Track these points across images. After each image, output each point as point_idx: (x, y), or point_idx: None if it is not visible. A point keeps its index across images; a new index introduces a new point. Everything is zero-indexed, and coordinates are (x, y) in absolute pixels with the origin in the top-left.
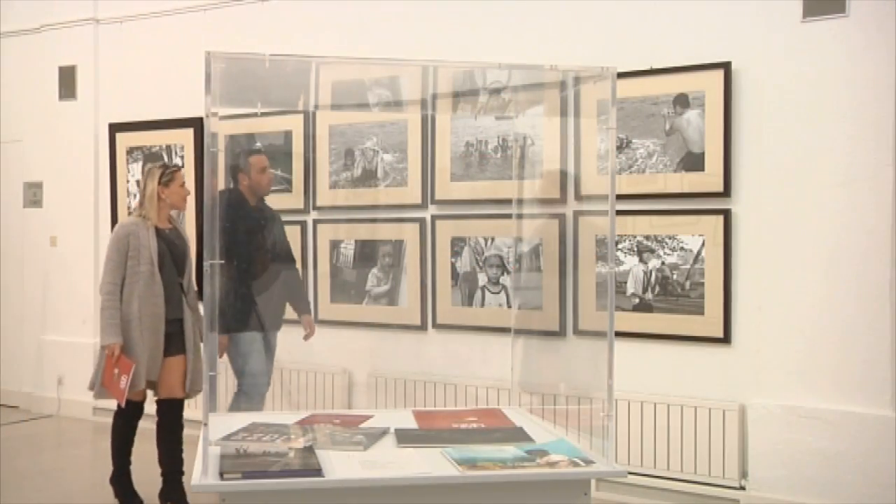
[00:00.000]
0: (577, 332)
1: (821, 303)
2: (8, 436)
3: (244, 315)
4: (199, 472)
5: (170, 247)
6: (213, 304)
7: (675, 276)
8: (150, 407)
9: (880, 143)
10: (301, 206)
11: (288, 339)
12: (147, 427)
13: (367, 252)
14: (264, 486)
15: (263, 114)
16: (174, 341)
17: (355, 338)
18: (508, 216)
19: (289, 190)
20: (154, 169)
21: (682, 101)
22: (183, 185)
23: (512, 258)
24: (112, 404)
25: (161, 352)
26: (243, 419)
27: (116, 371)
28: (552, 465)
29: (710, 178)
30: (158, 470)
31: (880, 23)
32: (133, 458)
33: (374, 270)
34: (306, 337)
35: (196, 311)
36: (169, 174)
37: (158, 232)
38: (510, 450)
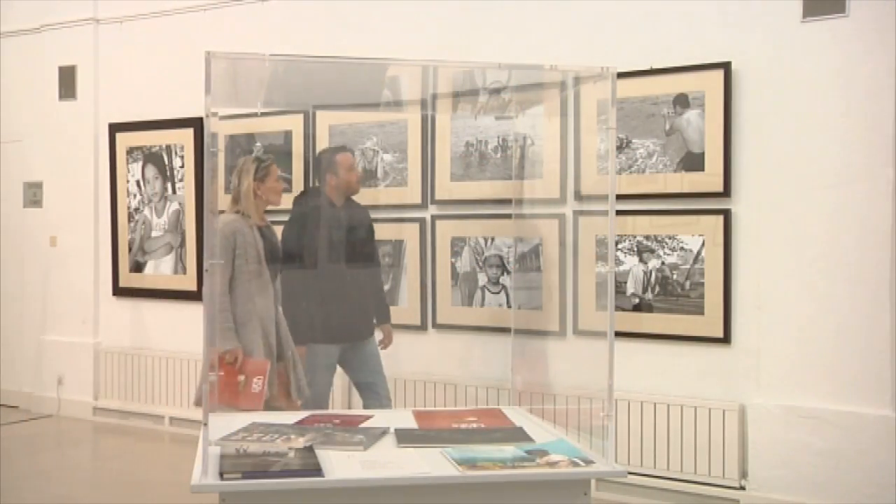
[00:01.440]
0: (577, 332)
1: (820, 302)
2: (8, 436)
3: (323, 324)
4: (199, 472)
5: (268, 244)
6: (213, 304)
7: (674, 276)
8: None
9: (880, 142)
10: None
11: None
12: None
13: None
14: (264, 486)
15: (263, 114)
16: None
17: None
18: (508, 216)
19: (289, 190)
20: (248, 163)
21: (682, 101)
22: (278, 179)
23: (512, 258)
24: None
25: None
26: (243, 419)
27: (242, 378)
28: (552, 465)
29: (709, 178)
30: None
31: (880, 23)
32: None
33: None
34: (384, 346)
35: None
36: (264, 168)
37: (258, 229)
38: (510, 450)
